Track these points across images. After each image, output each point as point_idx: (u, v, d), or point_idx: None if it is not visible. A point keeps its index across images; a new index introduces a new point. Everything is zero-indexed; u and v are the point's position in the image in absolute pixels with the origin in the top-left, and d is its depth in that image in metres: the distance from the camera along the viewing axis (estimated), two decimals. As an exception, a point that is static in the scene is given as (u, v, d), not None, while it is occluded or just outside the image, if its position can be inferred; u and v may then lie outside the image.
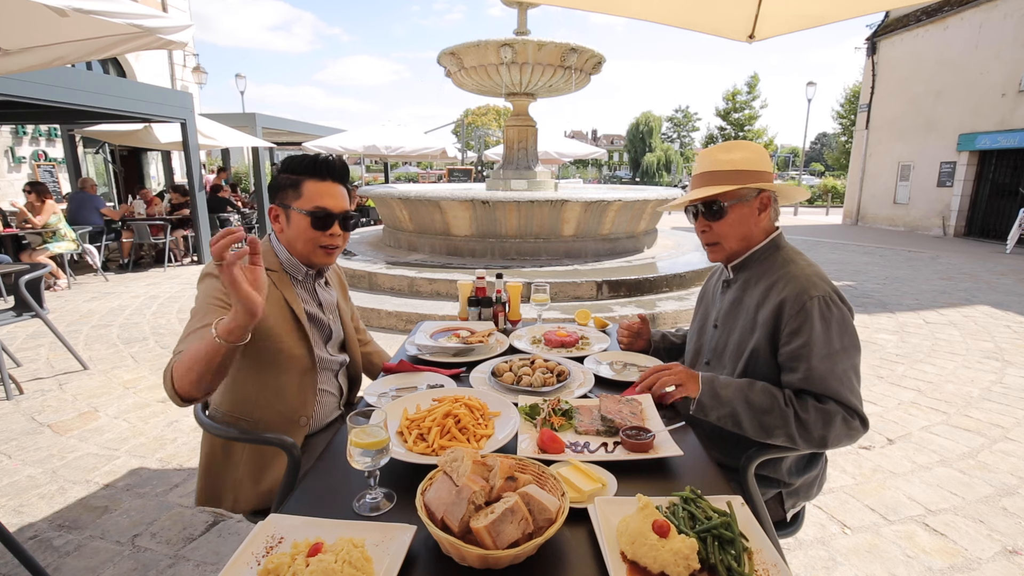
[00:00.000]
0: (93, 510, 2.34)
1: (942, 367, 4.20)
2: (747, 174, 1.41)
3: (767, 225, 1.48)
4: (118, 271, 8.22)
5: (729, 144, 1.46)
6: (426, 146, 13.71)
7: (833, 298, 1.32)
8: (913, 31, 14.15)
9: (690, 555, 0.83)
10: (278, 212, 1.48)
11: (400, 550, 0.87)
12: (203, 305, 1.34)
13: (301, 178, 1.45)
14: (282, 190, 1.47)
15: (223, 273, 1.05)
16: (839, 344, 1.29)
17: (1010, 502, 2.43)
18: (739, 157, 1.42)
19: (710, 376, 1.39)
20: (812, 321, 1.29)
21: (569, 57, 6.82)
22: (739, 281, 1.51)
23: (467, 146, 31.01)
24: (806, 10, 2.27)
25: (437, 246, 6.70)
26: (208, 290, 1.36)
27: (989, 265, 9.04)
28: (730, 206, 1.43)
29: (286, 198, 1.46)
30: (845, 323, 1.31)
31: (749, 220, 1.44)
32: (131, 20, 2.41)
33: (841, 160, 29.20)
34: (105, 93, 6.81)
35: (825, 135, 54.69)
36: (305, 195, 1.44)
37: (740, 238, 1.47)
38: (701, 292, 1.75)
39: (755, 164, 1.42)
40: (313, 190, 1.45)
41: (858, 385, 1.30)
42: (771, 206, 1.46)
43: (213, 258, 1.09)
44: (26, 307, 3.66)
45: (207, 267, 1.40)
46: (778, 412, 1.29)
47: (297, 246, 1.48)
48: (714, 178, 1.44)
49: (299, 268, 1.54)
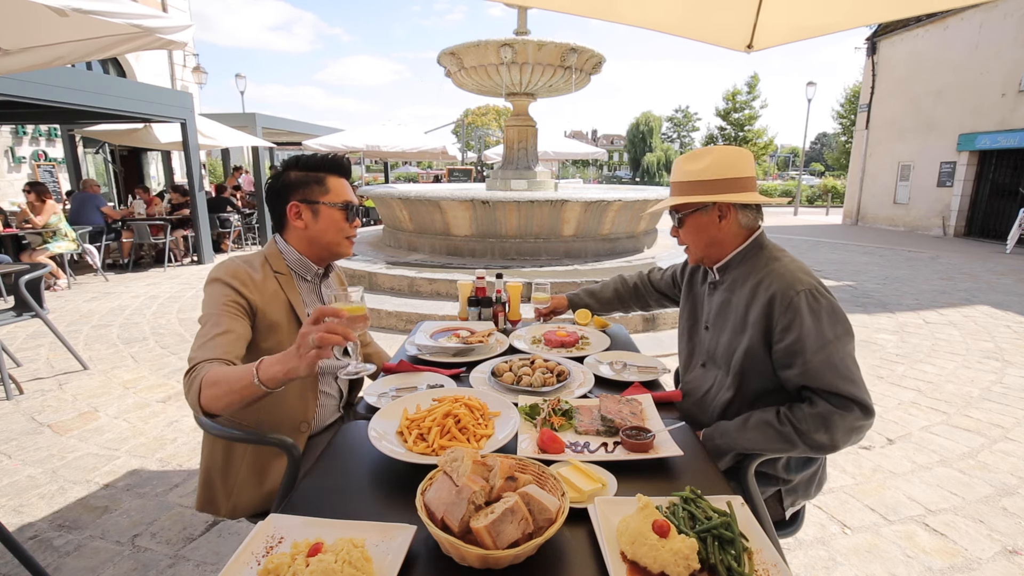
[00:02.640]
0: (93, 510, 2.34)
1: (942, 367, 4.20)
2: (707, 184, 1.43)
3: (737, 229, 1.48)
4: (118, 271, 8.23)
5: (696, 153, 1.47)
6: (426, 145, 13.72)
7: (819, 289, 1.33)
8: (913, 31, 14.15)
9: (690, 555, 0.83)
10: (301, 209, 1.49)
11: (400, 550, 0.87)
12: (217, 310, 1.34)
13: (324, 175, 1.51)
14: (305, 186, 1.49)
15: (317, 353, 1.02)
16: (831, 334, 1.29)
17: (1010, 502, 2.43)
18: (701, 167, 1.43)
19: (709, 433, 1.44)
20: (802, 315, 1.30)
21: (569, 57, 6.82)
22: (726, 282, 1.52)
23: (467, 146, 31.01)
24: (804, 21, 2.27)
25: (437, 246, 6.70)
26: (218, 295, 1.36)
27: (989, 265, 9.04)
28: (686, 216, 1.49)
29: (312, 194, 1.49)
30: (834, 311, 1.32)
31: (710, 228, 1.48)
32: (131, 20, 2.41)
33: (841, 160, 29.21)
34: (105, 93, 6.81)
35: (825, 135, 54.69)
36: (332, 190, 1.50)
37: (705, 245, 1.51)
38: (685, 292, 1.76)
39: (718, 172, 1.42)
40: (336, 185, 1.51)
41: (856, 370, 1.30)
42: (732, 213, 1.46)
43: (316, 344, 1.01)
44: (26, 307, 3.66)
45: (215, 271, 1.41)
46: (779, 437, 1.31)
47: (326, 239, 1.51)
48: (676, 188, 1.50)
49: (309, 267, 1.55)
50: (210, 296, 1.37)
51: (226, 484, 1.48)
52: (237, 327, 1.33)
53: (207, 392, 1.15)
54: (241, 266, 1.43)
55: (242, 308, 1.38)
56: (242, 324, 1.36)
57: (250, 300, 1.39)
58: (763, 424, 1.35)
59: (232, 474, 1.47)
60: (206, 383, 1.16)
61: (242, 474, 1.47)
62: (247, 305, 1.39)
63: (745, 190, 1.43)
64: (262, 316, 1.41)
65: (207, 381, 1.16)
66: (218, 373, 1.16)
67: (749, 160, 1.46)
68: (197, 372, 1.20)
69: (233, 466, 1.48)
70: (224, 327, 1.31)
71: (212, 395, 1.14)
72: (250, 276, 1.42)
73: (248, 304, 1.39)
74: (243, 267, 1.43)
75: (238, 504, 1.47)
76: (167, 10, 13.30)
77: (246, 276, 1.41)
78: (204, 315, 1.35)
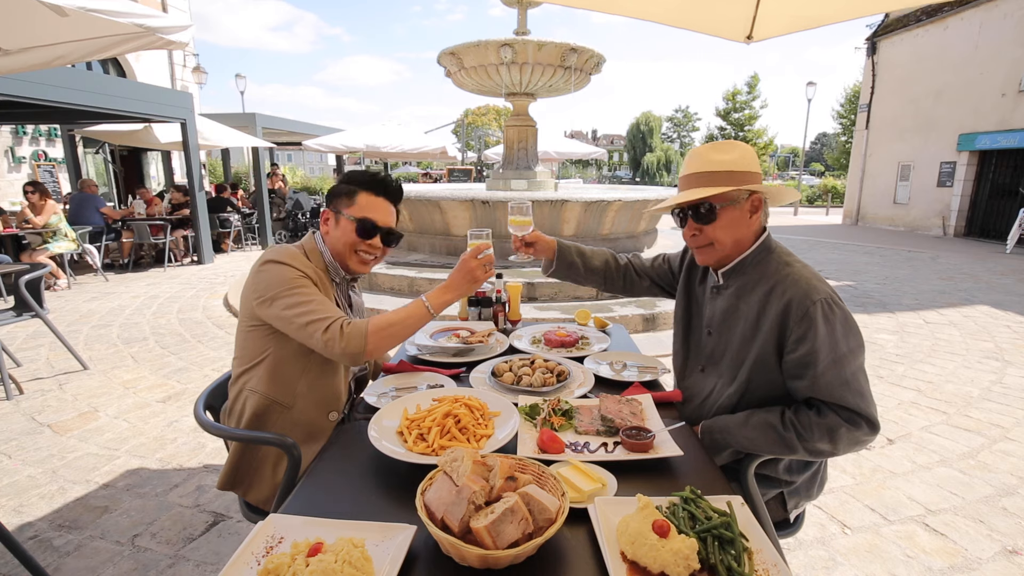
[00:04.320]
0: (93, 510, 2.34)
1: (942, 367, 4.20)
2: (739, 175, 1.36)
3: (757, 228, 1.44)
4: (118, 271, 8.22)
5: (722, 144, 1.40)
6: (426, 145, 13.72)
7: (834, 299, 1.30)
8: (913, 31, 14.15)
9: (690, 555, 0.83)
10: (329, 216, 1.58)
11: (400, 550, 0.87)
12: (298, 284, 1.41)
13: (357, 189, 1.56)
14: (338, 197, 1.57)
15: (486, 271, 1.49)
16: (845, 347, 1.26)
17: (1010, 502, 2.43)
18: (733, 157, 1.36)
19: (708, 425, 1.42)
20: (816, 326, 1.26)
21: (569, 57, 6.81)
22: (732, 288, 1.46)
23: (467, 146, 31.00)
24: (804, 12, 2.28)
25: (437, 246, 6.69)
26: (284, 273, 1.42)
27: (989, 265, 9.04)
28: (721, 208, 1.37)
29: (340, 204, 1.56)
30: (848, 323, 1.29)
31: (741, 223, 1.40)
32: (131, 20, 2.42)
33: (841, 160, 29.18)
34: (105, 93, 6.80)
35: (825, 135, 54.68)
36: (358, 204, 1.55)
37: (733, 241, 1.42)
38: (682, 288, 1.68)
39: (747, 165, 1.37)
40: (365, 202, 1.55)
41: (867, 384, 1.28)
42: (762, 208, 1.42)
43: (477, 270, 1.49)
44: (26, 307, 3.66)
45: (270, 254, 1.47)
46: (780, 440, 1.30)
47: (338, 248, 1.56)
48: (706, 179, 1.37)
49: (339, 271, 1.61)
50: (275, 275, 1.42)
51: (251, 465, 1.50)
52: (319, 295, 1.43)
53: (377, 337, 1.35)
54: (294, 250, 1.51)
55: (311, 280, 1.46)
56: (321, 293, 1.45)
57: (311, 277, 1.47)
58: (766, 425, 1.32)
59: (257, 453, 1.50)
60: (373, 330, 1.35)
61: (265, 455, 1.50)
62: (312, 280, 1.47)
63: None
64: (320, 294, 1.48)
65: (374, 327, 1.36)
66: (384, 318, 1.39)
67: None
68: (350, 326, 1.34)
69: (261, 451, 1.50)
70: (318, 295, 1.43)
71: (383, 336, 1.37)
72: (303, 259, 1.50)
73: (312, 279, 1.47)
74: (296, 251, 1.51)
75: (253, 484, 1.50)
76: (167, 10, 13.30)
77: (301, 259, 1.49)
78: (284, 289, 1.40)
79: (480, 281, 1.49)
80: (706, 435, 1.41)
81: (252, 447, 1.50)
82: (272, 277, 1.42)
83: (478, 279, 1.48)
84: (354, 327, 1.34)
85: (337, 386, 1.56)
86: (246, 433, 1.43)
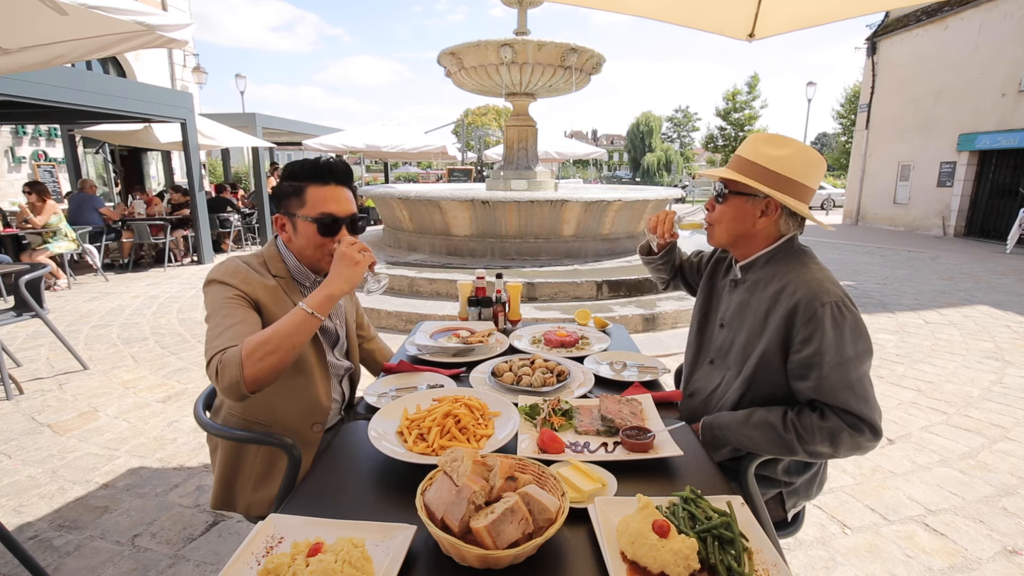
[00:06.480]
0: (93, 510, 2.34)
1: (942, 367, 4.20)
2: (773, 175, 1.33)
3: (772, 230, 1.42)
4: (118, 271, 8.22)
5: (778, 139, 1.37)
6: (426, 145, 13.72)
7: (845, 302, 1.28)
8: (913, 31, 14.14)
9: (690, 555, 0.83)
10: (284, 221, 1.46)
11: (400, 550, 0.87)
12: (223, 305, 1.32)
13: (303, 184, 1.41)
14: (286, 198, 1.43)
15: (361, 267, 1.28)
16: (852, 351, 1.25)
17: (1010, 502, 2.43)
18: (775, 155, 1.34)
19: (708, 421, 1.42)
20: (824, 328, 1.25)
21: (569, 57, 6.82)
22: (748, 282, 1.47)
23: (467, 146, 30.99)
24: (806, 10, 2.28)
25: (437, 246, 6.70)
26: (220, 294, 1.34)
27: (989, 265, 9.04)
28: (733, 195, 1.40)
29: (291, 206, 1.43)
30: (858, 328, 1.27)
31: (745, 218, 1.40)
32: (131, 17, 2.42)
33: (841, 160, 29.17)
34: (105, 93, 6.80)
35: (825, 135, 54.64)
36: (309, 201, 1.40)
37: (731, 231, 1.43)
38: (705, 282, 1.68)
39: (789, 170, 1.33)
40: (317, 196, 1.40)
41: (871, 390, 1.27)
42: (777, 215, 1.39)
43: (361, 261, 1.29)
44: (26, 307, 3.66)
45: (212, 273, 1.39)
46: (780, 441, 1.29)
47: (307, 254, 1.45)
48: (739, 163, 1.39)
49: (307, 275, 1.51)
50: (212, 297, 1.36)
51: (241, 483, 1.47)
52: (249, 317, 1.32)
53: (252, 361, 1.15)
54: (239, 265, 1.41)
55: (247, 301, 1.36)
56: (252, 314, 1.34)
57: (252, 295, 1.37)
58: (766, 425, 1.32)
59: (247, 470, 1.47)
60: (248, 353, 1.16)
61: (257, 470, 1.46)
62: (251, 299, 1.37)
63: (801, 198, 1.36)
64: (266, 311, 1.38)
65: (248, 351, 1.16)
66: (258, 337, 1.18)
67: (821, 171, 1.37)
68: (226, 355, 1.18)
69: (247, 463, 1.47)
70: (238, 318, 1.29)
71: (260, 358, 1.16)
72: (249, 274, 1.40)
73: (251, 299, 1.37)
74: (241, 266, 1.41)
75: (252, 503, 1.46)
76: (167, 9, 13.29)
77: (245, 274, 1.39)
78: (210, 313, 1.33)
79: (360, 263, 1.28)
80: (706, 431, 1.41)
81: (236, 462, 1.47)
82: (209, 300, 1.35)
83: (357, 261, 1.27)
84: (229, 356, 1.18)
85: (316, 396, 1.49)
86: (246, 434, 1.42)
